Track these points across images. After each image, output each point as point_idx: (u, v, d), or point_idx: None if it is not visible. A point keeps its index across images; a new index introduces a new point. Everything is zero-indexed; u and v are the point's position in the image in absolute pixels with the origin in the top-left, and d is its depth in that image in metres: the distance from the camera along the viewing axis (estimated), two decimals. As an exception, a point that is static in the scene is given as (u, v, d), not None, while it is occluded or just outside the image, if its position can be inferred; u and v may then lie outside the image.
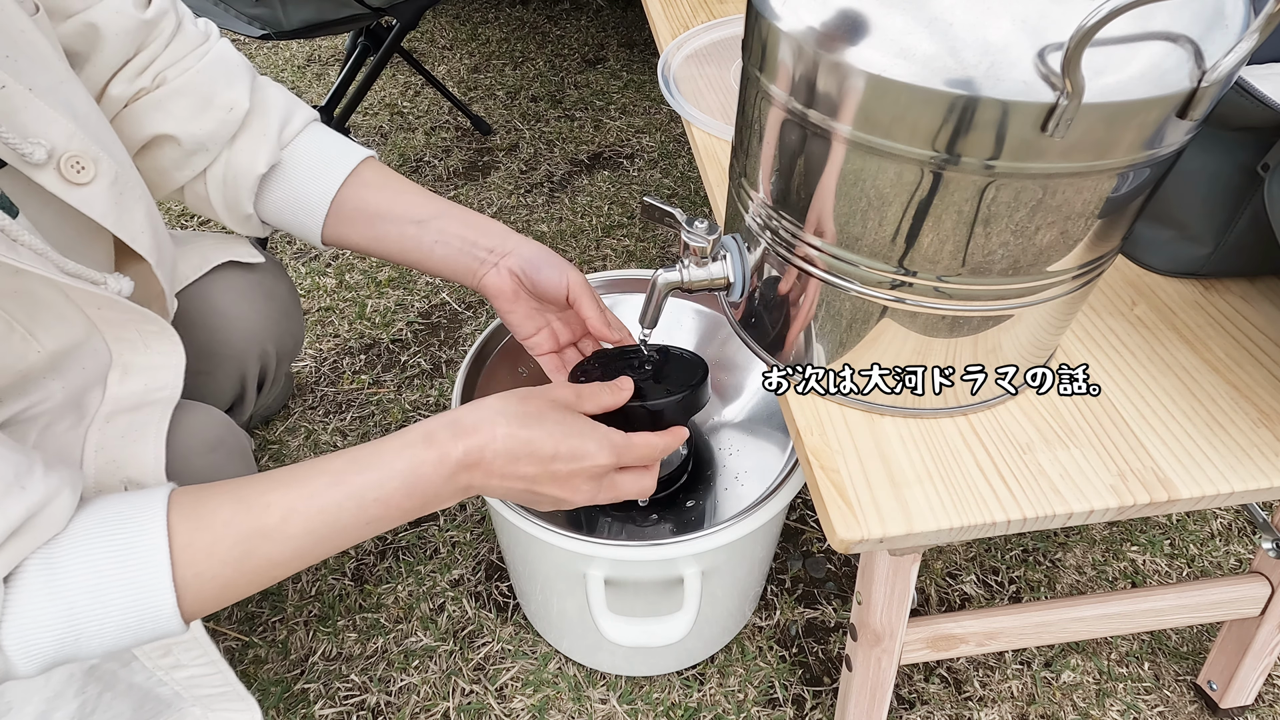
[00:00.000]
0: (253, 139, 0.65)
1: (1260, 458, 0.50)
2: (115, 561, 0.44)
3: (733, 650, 0.92)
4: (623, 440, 0.56)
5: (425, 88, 2.01)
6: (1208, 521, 1.05)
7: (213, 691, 0.62)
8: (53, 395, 0.56)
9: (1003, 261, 0.43)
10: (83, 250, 0.55)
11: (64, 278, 0.50)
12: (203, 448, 0.63)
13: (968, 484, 0.49)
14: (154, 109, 0.62)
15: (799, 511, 1.07)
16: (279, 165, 0.67)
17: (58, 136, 0.50)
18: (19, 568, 0.42)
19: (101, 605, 0.43)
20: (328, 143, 0.69)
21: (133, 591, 0.44)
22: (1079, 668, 0.90)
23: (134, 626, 0.44)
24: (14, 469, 0.43)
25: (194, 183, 0.67)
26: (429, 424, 0.52)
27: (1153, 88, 0.36)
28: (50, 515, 0.43)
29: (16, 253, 0.47)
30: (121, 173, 0.55)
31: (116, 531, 0.44)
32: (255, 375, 0.85)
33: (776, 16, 0.42)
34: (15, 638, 0.42)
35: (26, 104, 0.49)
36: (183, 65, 0.63)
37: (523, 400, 0.54)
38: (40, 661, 0.43)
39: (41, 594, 0.42)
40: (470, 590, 0.98)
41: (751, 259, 0.54)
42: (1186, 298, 0.61)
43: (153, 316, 0.58)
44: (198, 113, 0.63)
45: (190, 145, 0.64)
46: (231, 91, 0.64)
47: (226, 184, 0.66)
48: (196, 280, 0.77)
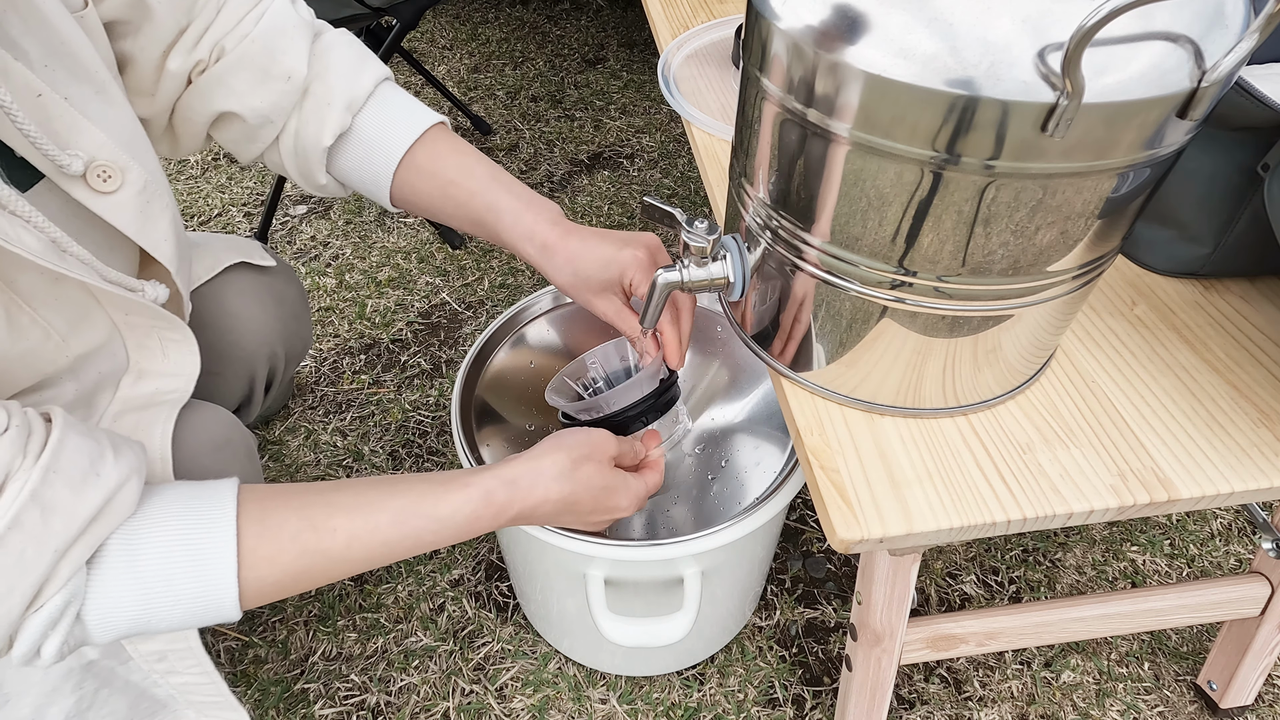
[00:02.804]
0: (318, 108, 0.64)
1: (1260, 458, 0.50)
2: (188, 557, 0.47)
3: (733, 650, 0.92)
4: (643, 491, 0.66)
5: (425, 88, 2.01)
6: (1208, 521, 1.05)
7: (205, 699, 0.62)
8: (65, 394, 0.56)
9: (1003, 261, 0.43)
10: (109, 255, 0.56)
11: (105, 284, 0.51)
12: (210, 446, 0.63)
13: (968, 484, 0.49)
14: (216, 85, 0.61)
15: (799, 511, 1.07)
16: (346, 133, 0.65)
17: (90, 146, 0.51)
18: (100, 551, 0.45)
19: (173, 594, 0.47)
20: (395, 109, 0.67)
21: (201, 586, 0.47)
22: (1079, 668, 0.90)
23: (199, 613, 0.48)
24: (88, 457, 0.45)
25: (270, 151, 0.66)
26: (488, 481, 0.57)
27: (1153, 88, 0.36)
28: (123, 500, 0.46)
29: (66, 261, 0.49)
30: (150, 181, 0.55)
31: (190, 529, 0.48)
32: (264, 377, 0.86)
33: (776, 16, 0.42)
34: (96, 615, 0.46)
35: (62, 113, 0.50)
36: (239, 32, 0.61)
37: (575, 463, 0.60)
38: (114, 635, 0.47)
39: (122, 579, 0.46)
40: (470, 590, 0.98)
41: (751, 259, 0.54)
42: (1186, 298, 0.61)
43: (178, 323, 0.59)
44: (257, 85, 0.62)
45: (255, 120, 0.63)
46: (287, 58, 0.62)
47: (298, 154, 0.66)
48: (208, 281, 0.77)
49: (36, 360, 0.53)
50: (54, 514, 0.42)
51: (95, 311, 0.55)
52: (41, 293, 0.51)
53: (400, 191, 0.67)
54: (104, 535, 0.45)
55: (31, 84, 0.48)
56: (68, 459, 0.44)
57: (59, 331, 0.53)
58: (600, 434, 0.63)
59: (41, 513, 0.42)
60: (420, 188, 0.66)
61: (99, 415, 0.58)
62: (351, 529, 0.51)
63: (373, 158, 0.66)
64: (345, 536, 0.51)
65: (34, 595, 0.43)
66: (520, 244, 0.65)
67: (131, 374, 0.60)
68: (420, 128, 0.66)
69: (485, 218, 0.66)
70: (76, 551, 0.44)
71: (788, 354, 0.55)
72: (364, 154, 0.66)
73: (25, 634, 0.43)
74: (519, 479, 0.58)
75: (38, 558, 0.42)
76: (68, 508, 0.43)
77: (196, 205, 1.65)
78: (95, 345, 0.56)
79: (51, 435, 0.44)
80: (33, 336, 0.52)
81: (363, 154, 0.66)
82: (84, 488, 0.44)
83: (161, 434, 0.58)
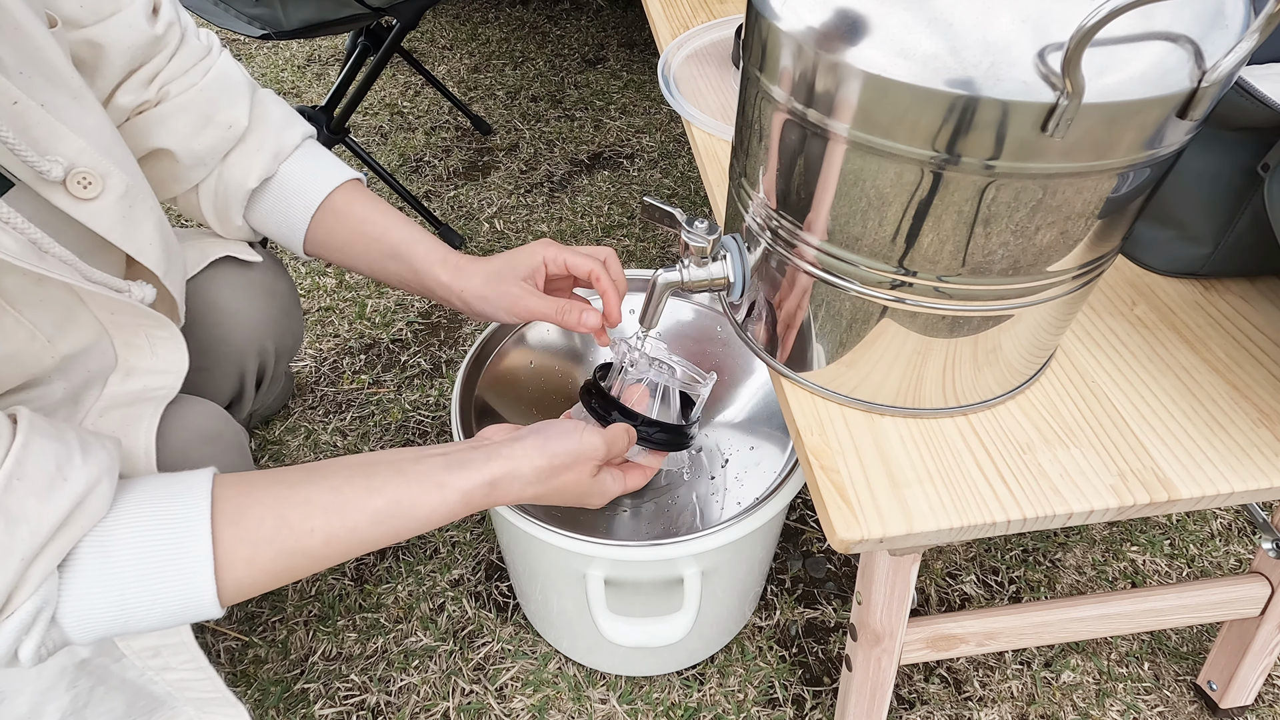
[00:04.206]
0: (247, 155, 0.67)
1: (1260, 458, 0.50)
2: (163, 560, 0.47)
3: (733, 650, 0.92)
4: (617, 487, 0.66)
5: (425, 88, 2.01)
6: (1208, 521, 1.05)
7: (202, 695, 0.62)
8: (54, 393, 0.56)
9: (1003, 261, 0.43)
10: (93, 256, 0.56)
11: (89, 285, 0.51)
12: (199, 440, 0.63)
13: (968, 484, 0.49)
14: (156, 124, 0.63)
15: (799, 511, 1.07)
16: (270, 179, 0.69)
17: (70, 152, 0.51)
18: (73, 554, 0.45)
19: (150, 595, 0.47)
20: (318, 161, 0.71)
21: (178, 586, 0.47)
22: (1079, 668, 0.90)
23: (178, 612, 0.48)
24: (54, 460, 0.45)
25: (187, 193, 0.69)
26: (466, 484, 0.57)
27: (1153, 88, 0.36)
28: (93, 504, 0.46)
29: (46, 262, 0.49)
30: (132, 186, 0.55)
31: (164, 531, 0.47)
32: (254, 372, 0.85)
33: (776, 16, 0.42)
34: (73, 617, 0.45)
35: (40, 120, 0.50)
36: (186, 80, 0.64)
37: (554, 471, 0.60)
38: (94, 636, 0.47)
39: (96, 582, 0.46)
40: (470, 590, 0.98)
41: (751, 259, 0.54)
42: (1186, 298, 0.61)
43: (165, 322, 0.59)
44: (198, 130, 0.64)
45: (189, 161, 0.65)
46: (233, 109, 0.65)
47: (218, 195, 0.68)
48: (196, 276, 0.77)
49: (23, 361, 0.53)
50: (20, 523, 0.42)
51: (81, 312, 0.55)
52: (25, 294, 0.51)
53: (315, 235, 0.71)
54: (74, 540, 0.45)
55: (7, 91, 0.48)
56: (33, 464, 0.43)
57: (44, 332, 0.53)
58: (591, 441, 0.62)
59: (6, 521, 0.42)
60: (336, 229, 0.71)
61: (84, 411, 0.58)
62: (329, 530, 0.52)
63: (291, 203, 0.70)
64: (323, 537, 0.52)
65: (3, 603, 0.42)
66: (434, 269, 0.70)
67: (120, 372, 0.60)
68: (339, 179, 0.71)
69: (400, 249, 0.71)
70: (45, 558, 0.43)
71: (788, 354, 0.55)
72: (284, 198, 0.70)
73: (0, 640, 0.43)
74: (498, 482, 0.58)
75: (4, 566, 0.41)
76: (34, 515, 0.43)
77: (196, 205, 1.64)
78: (83, 345, 0.56)
79: (15, 440, 0.43)
80: (18, 338, 0.51)
81: (283, 198, 0.70)
82: (50, 494, 0.43)
83: (147, 429, 0.58)
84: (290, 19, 1.27)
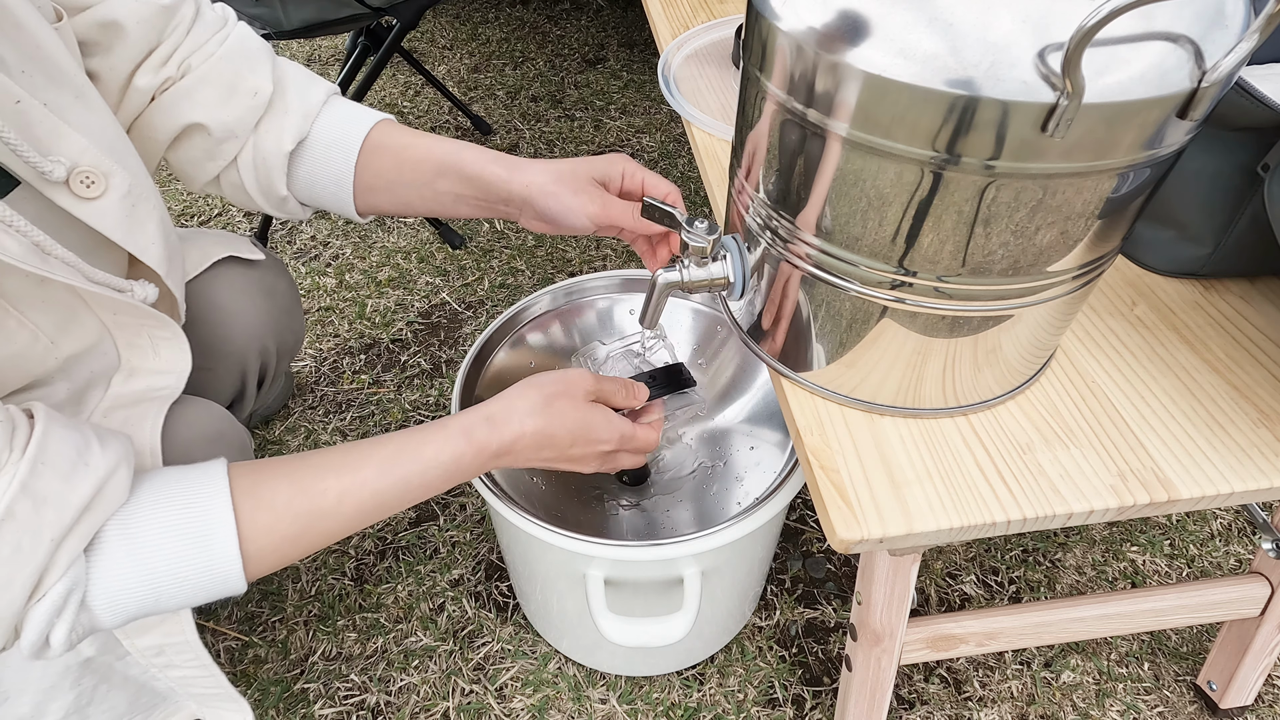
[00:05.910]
0: (277, 119, 0.66)
1: (1260, 458, 0.50)
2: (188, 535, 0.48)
3: (733, 650, 0.92)
4: (630, 431, 0.66)
5: (425, 88, 2.01)
6: (1208, 521, 1.05)
7: (205, 691, 0.62)
8: (57, 394, 0.56)
9: (1003, 262, 0.43)
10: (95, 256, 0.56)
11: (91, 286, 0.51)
12: (202, 440, 0.63)
13: (968, 484, 0.49)
14: (182, 98, 0.62)
15: (799, 511, 1.07)
16: (304, 141, 0.67)
17: (72, 152, 0.51)
18: (98, 538, 0.46)
19: (178, 573, 0.48)
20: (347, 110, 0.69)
21: (205, 561, 0.49)
22: (1079, 668, 0.90)
23: (206, 587, 0.49)
24: (75, 447, 0.46)
25: (228, 171, 0.67)
26: (465, 420, 0.59)
27: (1153, 88, 0.36)
28: (114, 487, 0.47)
29: (49, 264, 0.49)
30: (135, 185, 0.55)
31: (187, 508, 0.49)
32: (256, 372, 0.86)
33: (776, 16, 0.42)
34: (103, 599, 0.46)
35: (42, 119, 0.50)
36: (206, 51, 0.63)
37: (547, 399, 0.61)
38: (125, 618, 0.48)
39: (123, 563, 0.47)
40: (470, 590, 0.98)
41: (751, 259, 0.54)
42: (1186, 298, 0.61)
43: (167, 321, 0.59)
44: (225, 99, 0.63)
45: (220, 133, 0.64)
46: (255, 76, 0.64)
47: (258, 167, 0.66)
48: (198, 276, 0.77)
49: (26, 362, 0.53)
50: (46, 504, 0.43)
51: (83, 312, 0.55)
52: (27, 295, 0.51)
53: (363, 179, 0.68)
54: (99, 522, 0.46)
55: (9, 90, 0.48)
56: (54, 450, 0.45)
57: (47, 334, 0.53)
58: (575, 371, 0.64)
59: (33, 504, 0.43)
60: (381, 167, 0.68)
61: (89, 412, 0.58)
62: (341, 486, 0.53)
63: (332, 157, 0.68)
64: (336, 494, 0.53)
65: (34, 585, 0.43)
66: (488, 167, 0.66)
67: (123, 372, 0.60)
68: (373, 119, 0.68)
69: (447, 161, 0.68)
70: (73, 540, 0.44)
71: (787, 354, 0.55)
72: (324, 155, 0.68)
73: (31, 624, 0.44)
74: (494, 415, 0.59)
75: (34, 548, 0.42)
76: (59, 497, 0.44)
77: (196, 205, 1.65)
78: (85, 346, 0.56)
79: (35, 429, 0.45)
80: (21, 339, 0.52)
81: (322, 155, 0.68)
82: (73, 477, 0.45)
83: (151, 429, 0.58)
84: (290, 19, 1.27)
